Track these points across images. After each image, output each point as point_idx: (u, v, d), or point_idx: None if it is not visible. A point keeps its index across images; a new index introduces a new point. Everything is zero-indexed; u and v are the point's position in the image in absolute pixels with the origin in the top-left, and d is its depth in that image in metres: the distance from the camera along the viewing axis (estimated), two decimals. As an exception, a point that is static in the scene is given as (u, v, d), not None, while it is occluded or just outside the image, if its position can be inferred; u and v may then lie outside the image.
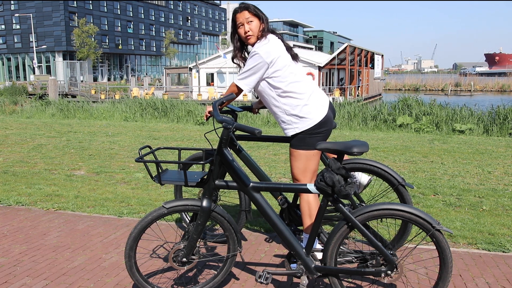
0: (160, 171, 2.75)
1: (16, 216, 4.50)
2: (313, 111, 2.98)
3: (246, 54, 3.13)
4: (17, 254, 3.59)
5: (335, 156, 2.51)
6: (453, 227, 4.08)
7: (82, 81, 47.18)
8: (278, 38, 3.06)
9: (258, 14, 2.99)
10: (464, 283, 3.04)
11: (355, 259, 2.60)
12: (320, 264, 2.58)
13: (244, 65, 3.06)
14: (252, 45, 3.02)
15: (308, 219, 2.98)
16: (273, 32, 3.06)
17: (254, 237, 3.92)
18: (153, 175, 2.73)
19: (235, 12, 3.03)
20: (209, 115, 3.20)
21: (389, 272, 2.45)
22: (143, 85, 43.17)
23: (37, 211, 4.68)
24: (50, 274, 3.22)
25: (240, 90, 3.02)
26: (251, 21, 2.97)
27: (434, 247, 2.45)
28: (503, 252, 3.58)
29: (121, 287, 3.03)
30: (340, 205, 2.48)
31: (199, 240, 2.74)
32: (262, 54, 2.90)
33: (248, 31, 2.98)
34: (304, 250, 2.61)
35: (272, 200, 4.54)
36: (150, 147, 2.88)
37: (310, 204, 2.97)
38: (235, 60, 3.18)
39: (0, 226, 4.23)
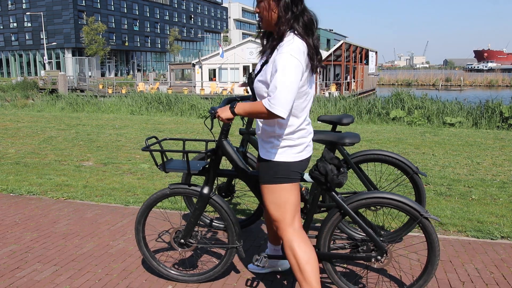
0: (165, 160, 2.75)
1: (27, 205, 4.49)
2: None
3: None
4: (28, 241, 3.57)
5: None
6: (444, 215, 4.06)
7: (90, 76, 47.05)
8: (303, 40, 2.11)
9: None
10: (454, 269, 3.03)
11: (348, 245, 2.60)
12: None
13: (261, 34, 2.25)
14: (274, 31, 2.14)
15: (299, 273, 2.29)
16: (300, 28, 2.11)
17: (255, 224, 3.90)
18: (159, 164, 2.73)
19: None
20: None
21: (379, 257, 2.45)
22: (148, 80, 43.01)
23: (47, 200, 4.67)
24: (59, 260, 3.21)
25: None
26: (260, 1, 2.12)
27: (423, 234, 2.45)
28: (491, 239, 3.56)
29: (127, 273, 3.02)
30: (333, 193, 2.47)
31: (197, 225, 2.74)
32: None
33: (258, 13, 2.15)
34: None
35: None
36: (156, 138, 2.87)
37: (296, 254, 2.30)
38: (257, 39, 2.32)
39: (12, 214, 4.21)
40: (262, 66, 2.24)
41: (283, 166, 2.27)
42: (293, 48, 2.03)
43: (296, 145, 2.27)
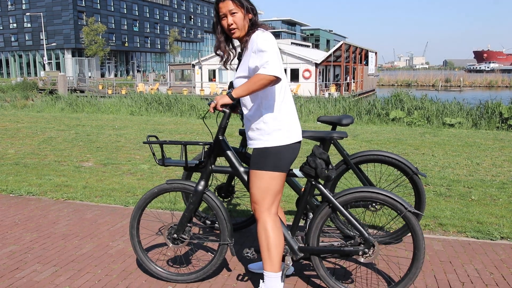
0: (164, 156, 2.84)
1: (27, 206, 4.49)
2: None
3: (231, 46, 2.63)
4: (28, 241, 3.57)
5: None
6: (443, 216, 4.06)
7: (90, 77, 47.04)
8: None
9: (243, 4, 2.45)
10: (454, 269, 3.03)
11: (336, 242, 2.67)
12: (303, 245, 2.64)
13: (227, 57, 2.62)
14: (238, 39, 2.54)
15: (266, 252, 2.52)
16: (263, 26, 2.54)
17: (255, 224, 3.90)
18: (158, 159, 2.83)
19: (218, 1, 2.50)
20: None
21: (366, 250, 2.52)
22: (148, 80, 42.99)
23: (47, 201, 4.67)
24: (59, 261, 3.21)
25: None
26: (234, 13, 2.44)
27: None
28: (491, 240, 3.57)
29: (127, 273, 3.02)
30: (322, 187, 2.56)
31: (191, 220, 2.78)
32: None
33: (232, 24, 2.45)
34: (289, 232, 2.66)
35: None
36: (157, 137, 2.93)
37: (267, 234, 2.52)
38: (218, 52, 2.62)
39: (12, 215, 4.21)
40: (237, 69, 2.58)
41: (273, 152, 2.44)
42: (268, 36, 2.41)
43: (283, 128, 2.45)
